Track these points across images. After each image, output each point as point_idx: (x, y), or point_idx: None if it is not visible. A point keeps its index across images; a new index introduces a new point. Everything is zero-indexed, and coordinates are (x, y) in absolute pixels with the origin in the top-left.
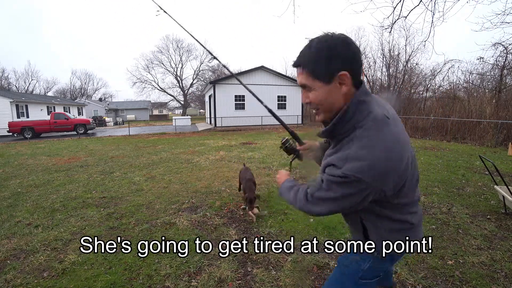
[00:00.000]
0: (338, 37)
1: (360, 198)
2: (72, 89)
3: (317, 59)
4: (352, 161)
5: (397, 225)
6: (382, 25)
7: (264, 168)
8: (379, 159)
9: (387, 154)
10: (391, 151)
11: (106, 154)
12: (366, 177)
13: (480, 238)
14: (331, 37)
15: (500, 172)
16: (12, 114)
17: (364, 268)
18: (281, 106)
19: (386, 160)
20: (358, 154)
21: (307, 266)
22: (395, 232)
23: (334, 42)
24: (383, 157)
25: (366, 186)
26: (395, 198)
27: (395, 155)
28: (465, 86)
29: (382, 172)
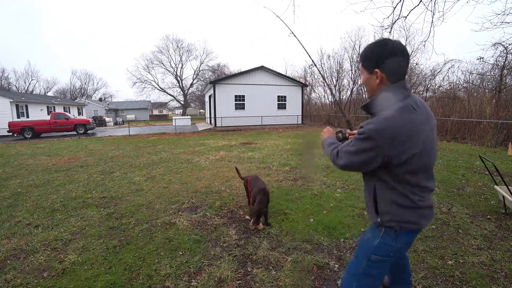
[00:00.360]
0: (380, 43)
1: (371, 156)
2: (72, 89)
3: (363, 55)
4: (371, 124)
5: (401, 199)
6: (382, 25)
7: (264, 168)
8: (388, 127)
9: (396, 127)
10: (401, 126)
11: (106, 154)
12: (377, 137)
13: (480, 238)
14: (374, 44)
15: (500, 172)
16: (12, 114)
17: (374, 244)
18: (281, 106)
19: (393, 129)
20: (376, 121)
21: (307, 266)
22: (399, 206)
23: (371, 47)
24: (392, 127)
25: (376, 144)
26: (402, 171)
27: (403, 131)
28: (465, 86)
29: (388, 137)
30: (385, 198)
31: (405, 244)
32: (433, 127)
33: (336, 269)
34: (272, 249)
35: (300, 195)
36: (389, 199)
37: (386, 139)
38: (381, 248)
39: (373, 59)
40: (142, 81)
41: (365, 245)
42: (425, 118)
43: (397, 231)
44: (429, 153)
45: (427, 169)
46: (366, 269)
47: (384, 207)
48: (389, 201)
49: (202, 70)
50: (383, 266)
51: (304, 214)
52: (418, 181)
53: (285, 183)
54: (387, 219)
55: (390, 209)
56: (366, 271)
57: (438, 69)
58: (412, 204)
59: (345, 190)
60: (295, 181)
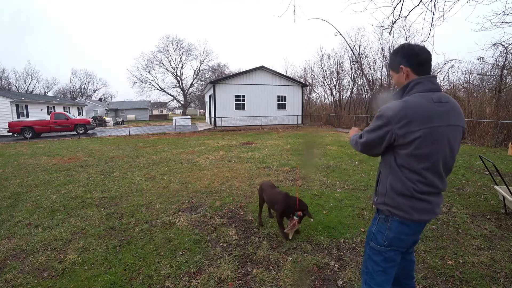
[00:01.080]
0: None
1: (383, 132)
2: (72, 89)
3: (389, 62)
4: (387, 105)
5: (397, 183)
6: (382, 25)
7: (264, 168)
8: (400, 108)
9: (407, 107)
10: (411, 108)
11: (106, 154)
12: (388, 114)
13: (480, 238)
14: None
15: (500, 172)
16: (12, 114)
17: (373, 230)
18: (281, 106)
19: (404, 110)
20: (392, 103)
21: (307, 266)
22: (393, 189)
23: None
24: (403, 107)
25: (388, 121)
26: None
27: (412, 112)
28: (465, 86)
29: (398, 116)
30: (384, 179)
31: (399, 235)
32: (455, 128)
33: (336, 269)
34: (272, 249)
35: (300, 195)
36: (387, 181)
37: (395, 117)
38: (377, 236)
39: (397, 60)
40: (142, 81)
41: (368, 231)
42: (444, 112)
43: (388, 218)
44: (440, 149)
45: (434, 164)
46: (370, 255)
47: (382, 188)
48: (386, 183)
49: (202, 70)
50: (384, 256)
51: None
52: (420, 170)
53: (285, 183)
54: (380, 201)
55: (386, 191)
56: (370, 256)
57: (438, 69)
58: (406, 191)
59: (345, 190)
60: (295, 181)
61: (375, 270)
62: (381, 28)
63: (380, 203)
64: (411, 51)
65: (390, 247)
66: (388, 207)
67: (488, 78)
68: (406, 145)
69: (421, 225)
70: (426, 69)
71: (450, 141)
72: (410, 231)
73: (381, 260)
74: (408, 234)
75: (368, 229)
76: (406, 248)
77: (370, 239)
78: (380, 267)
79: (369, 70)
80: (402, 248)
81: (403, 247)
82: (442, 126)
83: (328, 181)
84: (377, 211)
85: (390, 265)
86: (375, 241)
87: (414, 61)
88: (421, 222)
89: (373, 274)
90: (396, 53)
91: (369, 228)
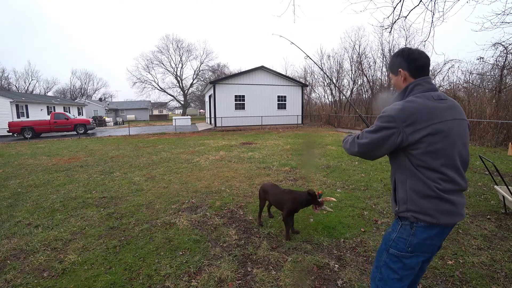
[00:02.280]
0: (402, 50)
1: (389, 133)
2: (72, 89)
3: (389, 65)
4: (391, 106)
5: (418, 185)
6: (382, 25)
7: (264, 168)
8: (405, 107)
9: (412, 107)
10: (416, 107)
11: (106, 154)
12: (394, 114)
13: (480, 238)
14: (400, 50)
15: (500, 172)
16: (12, 114)
17: (393, 237)
18: (281, 106)
19: (409, 109)
20: (396, 104)
21: (307, 266)
22: (415, 192)
23: (398, 52)
24: (408, 107)
25: (394, 121)
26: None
27: (417, 111)
28: (465, 86)
29: (404, 115)
30: (403, 184)
31: (424, 240)
32: (461, 121)
33: (336, 269)
34: (272, 249)
35: None
36: (407, 186)
37: (402, 117)
38: (398, 242)
39: (396, 63)
40: (142, 81)
41: (386, 238)
42: (447, 108)
43: (413, 224)
44: (452, 143)
45: (451, 160)
46: (386, 262)
47: (402, 194)
48: (407, 187)
49: (202, 70)
50: (404, 263)
51: (304, 214)
52: (439, 166)
53: (285, 183)
54: (403, 209)
55: (407, 196)
56: (386, 263)
57: (438, 69)
58: (430, 191)
59: (345, 190)
60: (295, 181)
61: (390, 278)
62: (381, 28)
63: (404, 210)
64: (411, 56)
65: (413, 253)
66: (413, 213)
67: (488, 78)
68: (417, 144)
69: (447, 229)
70: (424, 74)
71: (460, 134)
72: (435, 236)
73: (399, 267)
74: (433, 239)
75: (386, 235)
76: (430, 254)
77: (390, 245)
78: (397, 274)
79: (369, 70)
80: (427, 254)
81: (427, 253)
82: (449, 121)
83: (328, 181)
84: (399, 218)
85: (407, 273)
86: (395, 248)
87: (413, 66)
88: (447, 225)
89: (388, 281)
90: (396, 56)
91: (388, 235)
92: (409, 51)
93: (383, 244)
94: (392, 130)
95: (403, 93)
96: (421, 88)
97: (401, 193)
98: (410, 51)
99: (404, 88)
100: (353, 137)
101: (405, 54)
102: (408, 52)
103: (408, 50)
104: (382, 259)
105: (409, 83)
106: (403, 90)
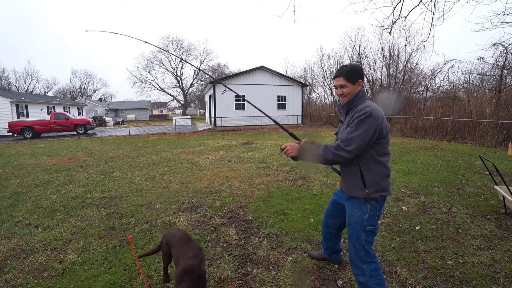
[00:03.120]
0: (358, 65)
1: (373, 130)
2: (72, 89)
3: (347, 73)
4: (366, 108)
5: (382, 169)
6: (382, 25)
7: (264, 168)
8: (377, 109)
9: (379, 109)
10: (380, 110)
11: (106, 154)
12: (375, 114)
13: (480, 238)
14: (355, 65)
15: (500, 172)
16: (12, 114)
17: (365, 218)
18: (281, 106)
19: (379, 111)
20: (367, 105)
21: (307, 266)
22: (381, 175)
23: (357, 67)
24: (378, 109)
25: (375, 120)
26: (385, 141)
27: (382, 113)
28: (465, 86)
29: (380, 115)
30: (371, 171)
31: (381, 210)
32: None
33: (336, 269)
34: (272, 249)
35: (300, 195)
36: (375, 171)
37: (379, 116)
38: (370, 220)
39: (355, 74)
40: (142, 81)
41: (358, 221)
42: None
43: (378, 201)
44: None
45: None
46: (366, 239)
47: (371, 179)
48: (375, 173)
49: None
50: (375, 232)
51: (304, 214)
52: (388, 151)
53: (285, 183)
54: (372, 191)
55: (375, 180)
56: (367, 240)
57: (438, 69)
58: (388, 172)
59: None
60: (295, 181)
61: (370, 247)
62: (381, 28)
63: (372, 192)
64: (363, 71)
65: (378, 221)
66: (379, 193)
67: (488, 78)
68: (385, 136)
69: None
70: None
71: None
72: (383, 203)
73: (373, 236)
74: (382, 206)
75: (356, 219)
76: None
77: (365, 225)
78: (372, 242)
79: (369, 70)
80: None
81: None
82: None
83: (328, 181)
84: (365, 200)
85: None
86: (370, 225)
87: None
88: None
89: (369, 252)
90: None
91: (359, 218)
92: (361, 68)
93: (357, 227)
94: (375, 126)
95: (355, 98)
96: (367, 96)
97: (370, 178)
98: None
99: (357, 95)
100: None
101: (361, 69)
102: (362, 69)
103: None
104: (361, 239)
105: (358, 92)
106: (355, 96)
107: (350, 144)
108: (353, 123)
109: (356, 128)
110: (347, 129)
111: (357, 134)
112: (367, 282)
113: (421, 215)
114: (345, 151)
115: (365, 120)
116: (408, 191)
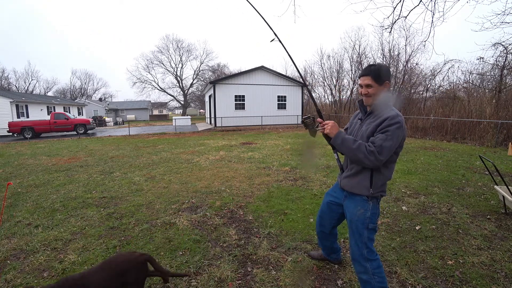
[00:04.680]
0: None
1: (400, 141)
2: (72, 89)
3: (379, 73)
4: (398, 117)
5: (389, 174)
6: (382, 25)
7: (264, 168)
8: (403, 120)
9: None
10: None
11: (106, 154)
12: (404, 125)
13: (480, 238)
14: (384, 65)
15: (500, 172)
16: (12, 114)
17: (368, 215)
18: (281, 106)
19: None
20: (397, 113)
21: (307, 266)
22: (386, 179)
23: (386, 67)
24: (403, 120)
25: (403, 131)
26: (398, 152)
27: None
28: (465, 86)
29: (405, 125)
30: (381, 174)
31: (379, 209)
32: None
33: (336, 269)
34: (272, 249)
35: (300, 195)
36: (383, 175)
37: (404, 126)
38: (372, 218)
39: (384, 75)
40: (142, 81)
41: (360, 219)
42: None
43: (379, 200)
44: None
45: None
46: (369, 236)
47: (378, 181)
48: (383, 176)
49: (202, 70)
50: (375, 230)
51: (304, 214)
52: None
53: (285, 183)
54: (376, 191)
55: (381, 182)
56: (369, 238)
57: (438, 69)
58: (391, 176)
59: None
60: (295, 181)
61: (371, 245)
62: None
63: (376, 192)
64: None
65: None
66: (381, 192)
67: (488, 78)
68: (402, 145)
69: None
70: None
71: None
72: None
73: (374, 234)
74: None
75: (359, 217)
76: None
77: (368, 223)
78: (373, 240)
79: None
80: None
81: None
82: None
83: (328, 181)
84: (368, 198)
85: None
86: (372, 222)
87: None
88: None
89: (371, 249)
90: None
91: (362, 215)
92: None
93: (359, 225)
94: (401, 137)
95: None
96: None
97: (378, 181)
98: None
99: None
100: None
101: (389, 71)
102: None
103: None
104: (364, 237)
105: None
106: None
107: (383, 152)
108: (388, 132)
109: (391, 138)
110: (379, 135)
111: (391, 144)
112: (369, 280)
113: (421, 215)
114: (378, 159)
115: (398, 130)
116: (408, 191)
